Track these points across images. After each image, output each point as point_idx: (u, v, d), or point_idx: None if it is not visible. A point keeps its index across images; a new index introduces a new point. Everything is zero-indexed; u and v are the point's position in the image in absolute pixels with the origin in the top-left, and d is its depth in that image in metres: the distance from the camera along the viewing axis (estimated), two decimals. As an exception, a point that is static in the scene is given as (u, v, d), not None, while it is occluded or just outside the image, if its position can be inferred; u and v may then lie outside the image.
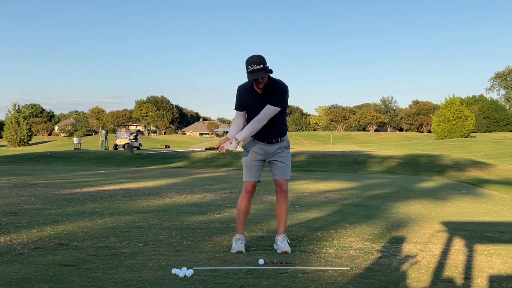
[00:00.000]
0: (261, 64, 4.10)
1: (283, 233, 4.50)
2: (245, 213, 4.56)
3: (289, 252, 4.33)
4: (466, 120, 64.22)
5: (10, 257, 4.11)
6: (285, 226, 4.57)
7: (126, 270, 3.70)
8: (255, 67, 4.09)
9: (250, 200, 4.58)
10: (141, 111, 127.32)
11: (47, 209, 6.97)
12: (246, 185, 4.55)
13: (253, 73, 4.10)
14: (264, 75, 4.12)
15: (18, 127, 68.90)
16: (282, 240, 4.44)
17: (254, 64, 4.09)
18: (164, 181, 12.15)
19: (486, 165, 19.21)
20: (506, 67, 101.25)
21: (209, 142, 72.18)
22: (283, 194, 4.54)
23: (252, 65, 4.09)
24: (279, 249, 4.37)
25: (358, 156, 22.42)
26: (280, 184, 4.51)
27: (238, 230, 4.54)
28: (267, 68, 4.16)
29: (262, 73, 4.10)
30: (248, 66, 4.12)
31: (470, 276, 3.63)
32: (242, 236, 4.51)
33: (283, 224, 4.54)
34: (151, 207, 7.29)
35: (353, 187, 11.30)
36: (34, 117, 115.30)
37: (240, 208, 4.55)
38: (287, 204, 4.57)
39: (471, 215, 7.14)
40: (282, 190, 4.52)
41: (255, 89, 4.31)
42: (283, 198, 4.54)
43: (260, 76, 4.10)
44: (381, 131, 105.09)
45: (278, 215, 4.56)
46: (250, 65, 4.11)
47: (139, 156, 24.66)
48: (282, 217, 4.54)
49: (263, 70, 4.11)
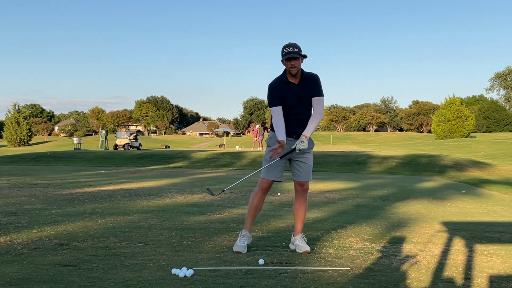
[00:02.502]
0: (296, 48, 4.22)
1: (301, 233, 4.50)
2: (255, 209, 4.52)
3: (310, 251, 4.33)
4: (466, 120, 64.17)
5: (10, 257, 4.11)
6: (302, 227, 4.57)
7: (126, 270, 3.70)
8: (291, 49, 4.20)
9: (263, 197, 4.54)
10: (141, 111, 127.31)
11: (47, 209, 6.97)
12: (263, 182, 4.48)
13: (288, 54, 4.19)
14: (298, 56, 4.20)
15: (18, 127, 68.91)
16: (301, 240, 4.44)
17: (289, 47, 4.22)
18: (164, 181, 12.15)
19: (486, 165, 19.21)
20: (506, 67, 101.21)
21: (209, 142, 72.14)
22: (304, 194, 4.54)
23: (288, 48, 4.22)
24: (299, 249, 4.36)
25: (358, 156, 22.41)
26: (303, 184, 4.51)
27: (246, 226, 4.52)
28: (302, 53, 4.25)
29: (296, 54, 4.19)
30: (284, 49, 4.24)
31: (470, 276, 3.63)
32: (248, 233, 4.49)
33: (301, 223, 4.54)
34: (151, 207, 7.29)
35: (353, 187, 11.29)
36: (34, 117, 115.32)
37: (252, 204, 4.52)
38: (306, 205, 4.59)
39: (471, 215, 7.14)
40: (304, 189, 4.53)
41: (290, 81, 4.33)
42: (304, 198, 4.55)
43: (294, 56, 4.17)
44: (381, 131, 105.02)
45: (297, 214, 4.56)
46: (286, 47, 4.23)
47: (140, 156, 24.65)
48: (300, 216, 4.54)
49: (297, 53, 4.19)
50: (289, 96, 4.32)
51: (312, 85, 4.35)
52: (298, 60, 4.23)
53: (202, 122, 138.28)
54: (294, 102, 4.33)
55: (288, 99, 4.33)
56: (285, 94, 4.32)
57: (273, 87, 4.36)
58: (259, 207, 4.55)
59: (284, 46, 4.27)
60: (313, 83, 4.35)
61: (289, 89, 4.32)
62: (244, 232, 4.48)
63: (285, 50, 4.23)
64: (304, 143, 4.25)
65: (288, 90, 4.32)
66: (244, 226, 4.56)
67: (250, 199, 4.58)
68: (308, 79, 4.35)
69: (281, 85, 4.34)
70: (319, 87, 4.38)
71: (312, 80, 4.36)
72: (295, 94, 4.32)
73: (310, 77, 4.37)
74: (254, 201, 4.51)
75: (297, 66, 4.24)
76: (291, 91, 4.32)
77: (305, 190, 4.54)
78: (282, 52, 4.25)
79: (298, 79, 4.33)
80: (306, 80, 4.34)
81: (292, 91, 4.32)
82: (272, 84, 4.38)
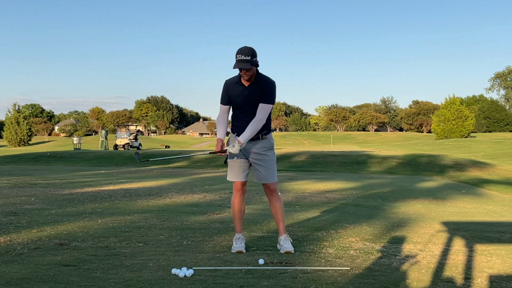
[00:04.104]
0: (249, 56, 4.15)
1: (284, 233, 4.48)
2: (239, 213, 4.54)
3: (293, 252, 4.32)
4: (466, 120, 64.20)
5: (10, 257, 4.11)
6: (285, 225, 4.55)
7: (126, 270, 3.70)
8: (243, 58, 4.15)
9: (242, 198, 4.55)
10: (141, 111, 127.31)
11: (47, 209, 6.97)
12: (234, 184, 4.54)
13: (239, 62, 4.16)
14: (249, 67, 4.16)
15: (18, 127, 68.91)
16: (285, 240, 4.42)
17: (242, 54, 4.16)
18: (164, 181, 12.15)
19: (486, 165, 19.21)
20: (506, 67, 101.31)
21: (209, 142, 72.15)
22: (273, 194, 4.53)
23: (240, 55, 4.16)
24: (282, 249, 4.36)
25: (358, 156, 22.41)
26: (267, 186, 4.52)
27: (237, 230, 4.54)
28: (254, 61, 4.21)
29: (248, 64, 4.15)
30: (237, 55, 4.18)
31: (470, 276, 3.63)
32: (241, 235, 4.51)
33: (282, 223, 4.52)
34: (151, 207, 7.29)
35: (353, 187, 11.29)
36: (34, 117, 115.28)
37: (234, 208, 4.56)
38: (280, 202, 4.56)
39: (471, 215, 7.14)
40: (271, 190, 4.52)
41: (241, 82, 4.34)
42: (274, 197, 4.54)
43: (244, 67, 4.14)
44: (381, 131, 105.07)
45: (274, 215, 4.56)
46: (238, 54, 4.17)
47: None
48: (278, 216, 4.53)
49: (249, 62, 4.15)
50: (236, 97, 4.37)
51: (262, 91, 4.31)
52: (250, 69, 4.21)
53: (202, 122, 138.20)
54: (240, 103, 4.37)
55: (235, 99, 4.38)
56: (233, 94, 4.38)
57: (226, 85, 4.43)
58: (242, 209, 4.56)
59: (237, 51, 4.19)
60: (263, 89, 4.31)
61: (238, 90, 4.35)
62: (238, 236, 4.50)
63: (237, 57, 4.17)
64: (235, 147, 4.24)
65: (236, 91, 4.36)
66: (235, 230, 4.57)
67: (231, 204, 4.60)
68: (260, 83, 4.32)
69: (232, 84, 4.38)
70: (269, 94, 4.32)
71: (263, 85, 4.32)
72: (242, 96, 4.34)
73: (262, 82, 4.33)
74: (235, 204, 4.55)
75: (248, 74, 4.24)
76: (239, 93, 4.35)
77: (273, 190, 4.52)
78: (236, 56, 4.19)
79: (250, 82, 4.33)
80: (258, 84, 4.32)
81: (240, 93, 4.35)
82: (226, 83, 4.45)
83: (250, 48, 4.20)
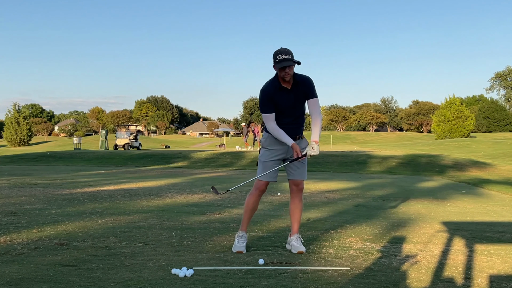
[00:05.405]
0: (290, 55, 4.14)
1: (297, 233, 4.49)
2: (252, 211, 4.54)
3: (304, 252, 4.32)
4: (466, 120, 64.16)
5: (10, 257, 4.11)
6: (299, 226, 4.56)
7: (126, 270, 3.70)
8: (284, 57, 4.12)
9: (259, 198, 4.55)
10: (141, 111, 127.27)
11: (47, 209, 6.97)
12: (259, 183, 4.48)
13: (283, 61, 4.10)
14: (293, 64, 4.14)
15: (18, 127, 68.89)
16: (297, 240, 4.43)
17: (283, 54, 4.13)
18: (164, 181, 12.15)
19: (486, 165, 19.21)
20: (506, 67, 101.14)
21: (209, 142, 72.13)
22: (300, 193, 4.54)
23: (281, 55, 4.13)
24: (294, 249, 4.35)
25: (358, 156, 22.41)
26: (298, 183, 4.51)
27: (242, 227, 4.52)
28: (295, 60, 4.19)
29: (291, 62, 4.11)
30: (277, 56, 4.14)
31: (470, 276, 3.63)
32: (245, 234, 4.49)
33: (298, 223, 4.53)
34: (151, 207, 7.29)
35: (353, 187, 11.29)
36: (34, 117, 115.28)
37: (248, 205, 4.52)
38: (302, 204, 4.58)
39: (471, 215, 7.14)
40: (299, 189, 4.53)
41: (283, 86, 4.27)
42: (299, 197, 4.54)
43: (288, 64, 4.10)
44: (381, 131, 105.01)
45: (293, 214, 4.55)
46: (279, 55, 4.14)
47: (140, 156, 24.65)
48: (296, 216, 4.53)
49: (291, 60, 4.13)
50: (282, 102, 4.29)
51: (306, 89, 4.31)
52: (292, 67, 4.18)
53: (202, 122, 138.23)
54: (287, 107, 4.32)
55: (281, 104, 4.30)
56: (278, 100, 4.28)
57: (268, 93, 4.29)
58: (255, 208, 4.56)
59: (276, 52, 4.16)
60: (306, 87, 4.31)
61: (283, 95, 4.28)
62: (241, 233, 4.49)
63: (278, 58, 4.13)
64: (315, 149, 4.26)
65: (281, 96, 4.28)
66: (240, 227, 4.56)
67: (246, 201, 4.57)
68: (300, 83, 4.29)
69: (274, 91, 4.28)
70: (313, 89, 4.34)
71: (304, 84, 4.31)
72: (288, 100, 4.29)
73: (302, 81, 4.30)
74: (251, 202, 4.52)
75: (290, 74, 4.19)
76: (285, 97, 4.28)
77: (300, 189, 4.54)
78: (275, 58, 4.15)
79: (291, 84, 4.28)
80: (299, 84, 4.29)
81: (286, 97, 4.28)
82: (264, 90, 4.31)
83: (287, 48, 4.20)
